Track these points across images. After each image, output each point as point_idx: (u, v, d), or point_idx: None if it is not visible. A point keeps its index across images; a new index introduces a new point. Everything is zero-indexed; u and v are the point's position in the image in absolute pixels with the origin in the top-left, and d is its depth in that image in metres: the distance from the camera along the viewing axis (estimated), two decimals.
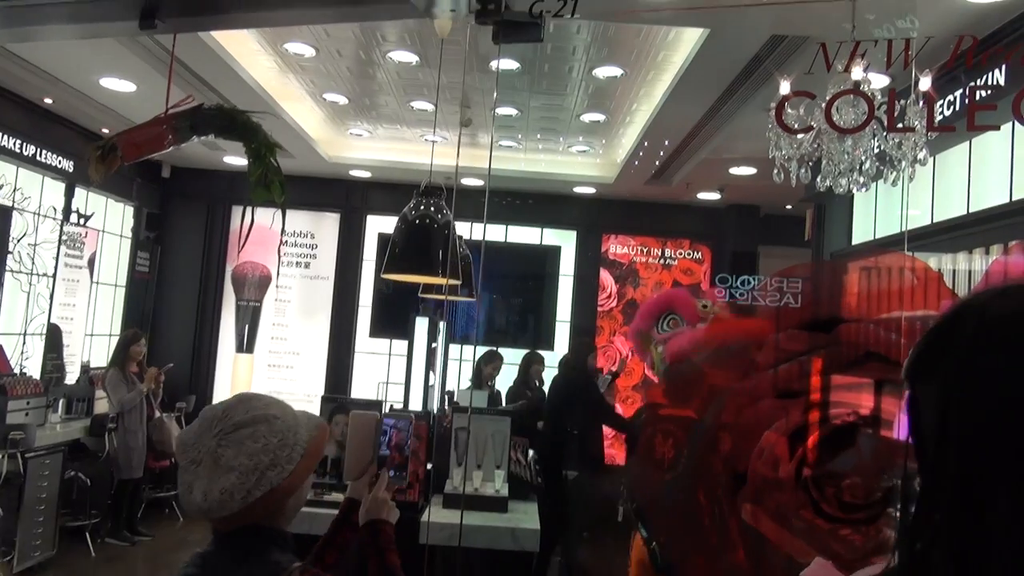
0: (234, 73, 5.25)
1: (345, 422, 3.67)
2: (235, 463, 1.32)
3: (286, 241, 8.68)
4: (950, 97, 3.38)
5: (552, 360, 6.52)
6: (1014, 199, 3.82)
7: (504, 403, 6.12)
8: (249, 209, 2.31)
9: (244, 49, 5.28)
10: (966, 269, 3.87)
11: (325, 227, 8.83)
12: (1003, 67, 3.05)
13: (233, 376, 8.60)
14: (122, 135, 2.28)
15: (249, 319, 8.67)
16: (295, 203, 8.47)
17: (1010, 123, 3.55)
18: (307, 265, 8.77)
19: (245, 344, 8.63)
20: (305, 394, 8.37)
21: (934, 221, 4.51)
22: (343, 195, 8.74)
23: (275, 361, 8.67)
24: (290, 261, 8.74)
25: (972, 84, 3.08)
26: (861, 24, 2.97)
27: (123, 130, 2.32)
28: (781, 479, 2.16)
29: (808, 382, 1.97)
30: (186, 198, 8.64)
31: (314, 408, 5.13)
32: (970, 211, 4.21)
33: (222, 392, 8.53)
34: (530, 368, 6.31)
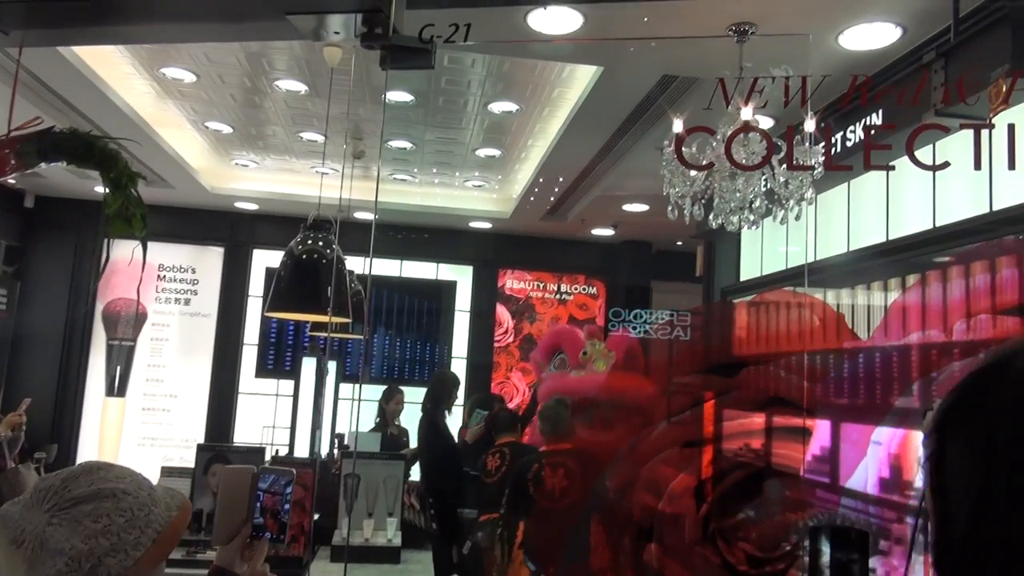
0: (104, 97, 4.89)
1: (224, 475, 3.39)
2: (66, 546, 1.08)
3: (163, 276, 8.17)
4: (834, 139, 3.51)
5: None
6: (890, 238, 3.99)
7: (411, 444, 5.84)
8: (106, 243, 2.08)
9: (116, 72, 4.94)
10: (849, 303, 4.01)
11: (208, 261, 8.36)
12: (880, 111, 3.18)
13: (102, 422, 7.94)
14: None
15: (122, 360, 8.06)
16: (175, 236, 8.05)
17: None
18: (187, 302, 8.26)
19: (117, 387, 8.00)
20: (183, 439, 7.82)
21: (817, 259, 4.66)
22: (227, 228, 8.32)
23: (150, 404, 8.08)
24: (168, 298, 8.21)
25: (862, 122, 3.20)
26: (746, 70, 3.04)
27: None
28: (687, 525, 2.10)
29: (711, 428, 1.92)
30: (52, 229, 7.98)
31: (190, 456, 4.76)
32: (850, 249, 4.38)
33: (88, 439, 7.87)
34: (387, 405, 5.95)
